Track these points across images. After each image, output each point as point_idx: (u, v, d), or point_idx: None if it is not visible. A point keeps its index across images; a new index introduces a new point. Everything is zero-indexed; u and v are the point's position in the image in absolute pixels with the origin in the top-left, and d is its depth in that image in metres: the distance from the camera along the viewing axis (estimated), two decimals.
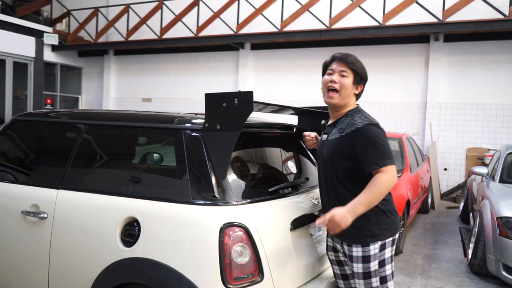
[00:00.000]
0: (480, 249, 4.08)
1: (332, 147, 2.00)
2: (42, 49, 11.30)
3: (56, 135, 2.66)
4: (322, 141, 2.13)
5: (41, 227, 2.26)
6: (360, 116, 1.99)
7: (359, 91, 2.08)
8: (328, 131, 2.10)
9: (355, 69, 2.02)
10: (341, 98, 2.02)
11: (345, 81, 2.02)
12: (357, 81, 2.05)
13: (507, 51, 8.04)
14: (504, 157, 5.12)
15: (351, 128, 1.94)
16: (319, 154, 2.15)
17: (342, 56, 2.06)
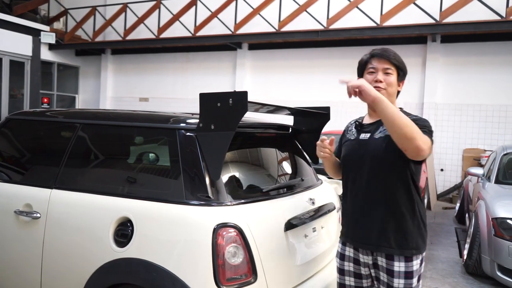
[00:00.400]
0: (476, 249, 4.09)
1: (383, 142, 1.81)
2: (39, 48, 11.27)
3: (50, 134, 2.65)
4: (358, 140, 1.93)
5: (34, 226, 2.25)
6: (413, 115, 1.87)
7: (401, 88, 1.95)
8: (370, 129, 1.92)
9: (398, 64, 1.89)
10: (388, 96, 1.84)
11: (391, 79, 1.87)
12: (401, 77, 1.92)
13: (504, 52, 8.07)
14: (500, 158, 5.13)
15: None
16: (351, 155, 1.94)
17: (382, 52, 1.91)
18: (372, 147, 1.86)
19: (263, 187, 2.21)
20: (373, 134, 1.89)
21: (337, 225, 2.76)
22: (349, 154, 1.97)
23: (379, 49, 1.92)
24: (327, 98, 9.23)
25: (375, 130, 1.90)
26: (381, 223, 1.80)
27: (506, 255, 3.69)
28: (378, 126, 1.89)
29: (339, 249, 2.00)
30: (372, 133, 1.90)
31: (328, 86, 9.48)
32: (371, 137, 1.89)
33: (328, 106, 2.79)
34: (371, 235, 1.82)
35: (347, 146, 2.00)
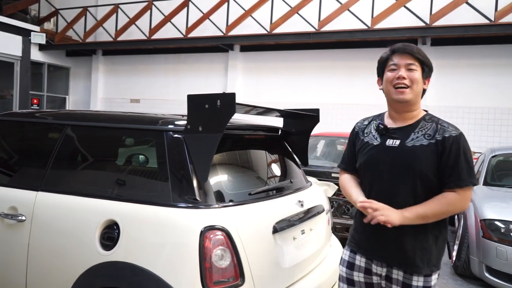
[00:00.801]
0: (464, 251, 4.12)
1: (420, 155, 1.66)
2: (29, 48, 11.17)
3: (36, 136, 2.62)
4: (383, 146, 1.75)
5: (19, 229, 2.22)
6: (446, 122, 1.73)
7: (427, 85, 1.77)
8: (398, 135, 1.74)
9: (423, 60, 1.73)
10: (414, 93, 1.71)
11: (415, 75, 1.71)
12: (426, 73, 1.74)
13: (493, 55, 8.16)
14: (488, 160, 5.18)
15: (444, 135, 1.66)
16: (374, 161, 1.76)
17: (404, 46, 1.74)
18: (404, 157, 1.69)
19: (251, 190, 2.20)
20: (404, 142, 1.71)
21: (326, 227, 2.76)
22: (372, 160, 1.78)
23: (400, 44, 1.76)
24: (318, 100, 9.26)
25: (406, 137, 1.72)
26: (406, 241, 1.69)
27: (494, 257, 3.72)
28: (409, 133, 1.73)
29: (345, 257, 1.88)
30: (403, 140, 1.72)
31: (319, 88, 9.51)
32: (402, 144, 1.71)
33: (317, 108, 2.79)
34: (393, 250, 1.71)
35: (369, 152, 1.80)
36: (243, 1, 9.69)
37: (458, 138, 1.66)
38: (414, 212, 1.62)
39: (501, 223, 3.77)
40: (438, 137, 1.67)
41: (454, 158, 1.64)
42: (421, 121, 1.74)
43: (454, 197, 1.63)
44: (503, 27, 7.49)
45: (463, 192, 1.64)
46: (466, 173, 1.63)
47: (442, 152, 1.65)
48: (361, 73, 8.96)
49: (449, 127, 1.70)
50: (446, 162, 1.64)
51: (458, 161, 1.64)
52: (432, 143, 1.67)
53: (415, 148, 1.68)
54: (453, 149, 1.64)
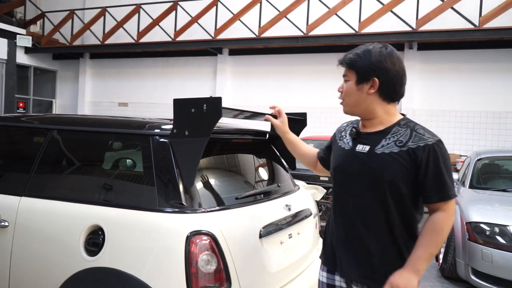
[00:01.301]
0: (451, 253, 4.16)
1: (389, 163, 1.52)
2: (14, 51, 11.03)
3: (20, 140, 2.58)
4: (353, 151, 1.63)
5: (1, 235, 2.17)
6: (423, 128, 1.57)
7: (375, 88, 1.57)
8: (368, 141, 1.61)
9: (351, 67, 1.60)
10: (349, 106, 1.65)
11: (346, 86, 1.64)
12: (362, 79, 1.58)
13: (478, 60, 8.29)
14: (474, 163, 5.24)
15: (419, 143, 1.50)
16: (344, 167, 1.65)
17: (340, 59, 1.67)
18: (373, 164, 1.56)
19: (238, 194, 2.20)
20: (374, 148, 1.58)
21: (314, 231, 2.76)
22: (341, 166, 1.67)
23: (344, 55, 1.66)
24: (306, 104, 9.30)
25: (376, 143, 1.59)
26: (381, 257, 1.56)
27: (479, 259, 3.76)
28: (380, 138, 1.59)
29: (323, 279, 1.75)
30: (372, 146, 1.59)
31: (307, 92, 9.56)
32: (371, 151, 1.58)
33: (305, 112, 2.80)
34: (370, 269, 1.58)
35: (339, 157, 1.70)
36: (232, 5, 9.70)
37: (435, 147, 1.50)
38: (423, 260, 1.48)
39: (486, 226, 3.82)
40: (411, 145, 1.51)
41: (434, 170, 1.49)
42: (395, 126, 1.59)
43: (443, 217, 1.51)
44: (487, 32, 7.62)
45: (448, 207, 1.52)
46: (449, 185, 1.51)
47: (417, 163, 1.50)
48: None
49: (425, 134, 1.53)
50: (425, 174, 1.49)
51: (439, 172, 1.49)
52: (404, 151, 1.52)
53: (384, 156, 1.54)
54: (431, 160, 1.49)
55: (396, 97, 1.61)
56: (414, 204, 1.56)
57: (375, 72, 1.56)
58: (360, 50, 1.61)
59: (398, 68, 1.58)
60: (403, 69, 1.60)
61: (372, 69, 1.56)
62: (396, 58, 1.58)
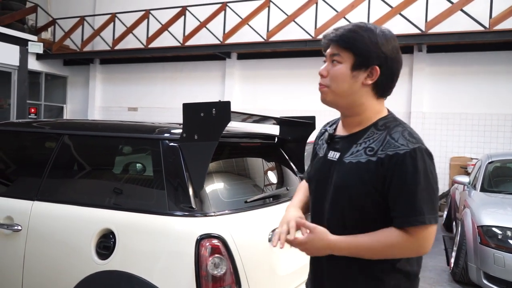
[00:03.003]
0: (462, 257, 4.11)
1: (353, 175, 1.25)
2: (26, 58, 11.18)
3: (33, 145, 2.62)
4: (325, 159, 1.38)
5: (15, 239, 2.21)
6: (401, 131, 1.24)
7: (373, 78, 1.26)
8: (340, 146, 1.35)
9: (349, 46, 1.26)
10: (335, 95, 1.31)
11: (337, 70, 1.29)
12: (361, 64, 1.25)
13: (488, 62, 8.21)
14: (485, 166, 5.19)
15: (388, 151, 1.21)
16: (316, 177, 1.41)
17: (329, 33, 1.32)
18: (337, 176, 1.30)
19: (247, 197, 2.21)
20: (343, 156, 1.31)
21: None
22: (314, 174, 1.43)
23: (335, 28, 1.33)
24: (315, 107, 9.27)
25: (346, 150, 1.31)
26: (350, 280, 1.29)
27: (491, 263, 3.71)
28: (351, 144, 1.31)
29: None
30: (342, 153, 1.32)
31: (316, 95, 9.49)
32: (340, 159, 1.32)
33: (313, 116, 2.81)
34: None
35: (314, 165, 1.46)
36: (240, 9, 9.75)
37: (406, 157, 1.18)
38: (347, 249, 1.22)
39: (498, 230, 3.78)
40: (380, 153, 1.22)
41: (399, 186, 1.18)
42: (370, 128, 1.30)
43: (399, 237, 1.18)
44: (498, 34, 7.55)
45: (415, 233, 1.18)
46: (416, 206, 1.17)
47: (385, 176, 1.20)
48: None
49: (399, 140, 1.21)
50: (388, 189, 1.20)
51: (405, 189, 1.18)
52: (372, 161, 1.23)
53: (351, 166, 1.27)
54: (397, 173, 1.18)
55: (388, 92, 1.33)
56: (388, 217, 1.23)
57: (378, 59, 1.24)
58: (358, 26, 1.28)
59: (400, 59, 1.30)
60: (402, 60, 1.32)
61: (376, 53, 1.24)
62: (398, 45, 1.30)
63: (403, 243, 1.19)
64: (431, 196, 1.20)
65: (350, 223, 1.27)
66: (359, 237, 1.22)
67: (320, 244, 1.23)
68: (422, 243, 1.20)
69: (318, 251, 1.25)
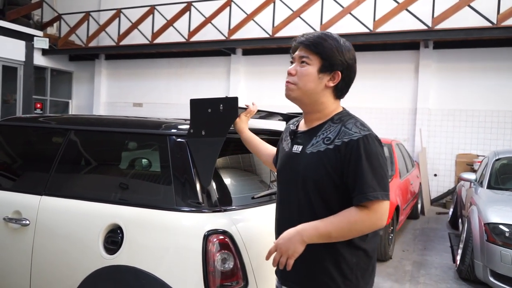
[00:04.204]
0: (468, 255, 4.10)
1: (315, 163, 1.43)
2: (32, 53, 11.22)
3: (40, 140, 2.63)
4: (290, 153, 1.55)
5: (23, 234, 2.22)
6: (354, 122, 1.44)
7: (335, 82, 1.47)
8: (302, 140, 1.53)
9: (319, 51, 1.46)
10: (301, 92, 1.49)
11: (305, 70, 1.48)
12: (327, 68, 1.46)
13: (496, 58, 8.14)
14: (492, 163, 5.16)
15: (344, 139, 1.39)
16: (283, 170, 1.57)
17: (301, 38, 1.52)
18: (302, 166, 1.46)
19: (254, 193, 2.21)
20: (305, 148, 1.49)
21: None
22: (280, 169, 1.60)
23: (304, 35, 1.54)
24: None
25: (307, 143, 1.49)
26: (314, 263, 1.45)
27: (498, 261, 3.70)
28: (311, 137, 1.49)
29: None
30: (304, 145, 1.50)
31: None
32: (303, 151, 1.49)
33: None
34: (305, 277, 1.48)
35: (280, 159, 1.63)
36: (245, 5, 9.72)
37: (359, 142, 1.36)
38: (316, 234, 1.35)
39: (505, 227, 3.76)
40: (337, 142, 1.40)
41: (355, 167, 1.35)
42: (327, 122, 1.49)
43: (360, 212, 1.34)
44: (506, 30, 7.47)
45: (372, 207, 1.33)
46: (370, 183, 1.33)
47: (342, 161, 1.38)
48: (362, 76, 8.93)
49: (353, 128, 1.40)
50: (347, 172, 1.37)
51: (360, 170, 1.34)
52: (330, 149, 1.41)
53: (312, 156, 1.44)
54: (353, 155, 1.36)
55: (344, 95, 1.55)
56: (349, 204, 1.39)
57: (341, 65, 1.46)
58: (325, 35, 1.48)
59: (355, 69, 1.53)
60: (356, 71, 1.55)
61: (340, 60, 1.45)
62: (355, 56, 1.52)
63: (364, 217, 1.34)
64: (383, 176, 1.38)
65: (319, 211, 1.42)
66: (325, 219, 1.37)
67: (288, 236, 1.37)
68: (380, 216, 1.36)
69: (291, 242, 1.36)
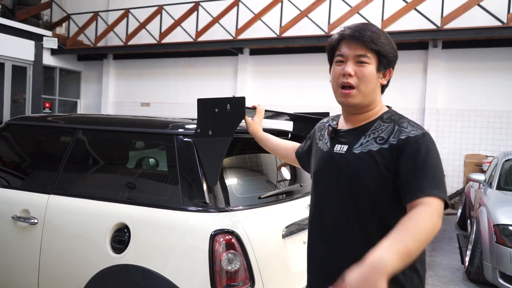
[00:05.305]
0: (477, 256, 4.06)
1: (366, 164, 1.30)
2: (41, 53, 11.31)
3: (48, 139, 2.65)
4: (331, 153, 1.41)
5: (31, 232, 2.24)
6: (408, 121, 1.34)
7: (387, 78, 1.39)
8: (346, 139, 1.40)
9: (378, 49, 1.33)
10: (363, 95, 1.35)
11: (366, 70, 1.34)
12: (384, 66, 1.36)
13: (505, 58, 8.05)
14: (502, 164, 5.10)
15: (400, 137, 1.29)
16: (324, 173, 1.43)
17: (354, 32, 1.34)
18: (348, 168, 1.34)
19: (261, 193, 2.20)
20: (352, 147, 1.36)
21: None
22: (320, 171, 1.45)
23: (352, 27, 1.37)
24: (328, 103, 9.20)
25: (355, 142, 1.37)
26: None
27: (508, 262, 3.66)
28: (359, 136, 1.37)
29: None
30: (350, 145, 1.37)
31: (329, 91, 9.44)
32: (349, 151, 1.37)
33: (327, 112, 2.77)
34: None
35: (318, 161, 1.48)
36: (253, 4, 9.71)
37: (418, 139, 1.26)
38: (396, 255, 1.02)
39: None
40: (392, 140, 1.29)
41: (413, 163, 1.24)
42: (377, 121, 1.38)
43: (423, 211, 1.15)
44: None
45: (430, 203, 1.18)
46: (426, 181, 1.21)
47: (398, 159, 1.27)
48: None
49: (409, 127, 1.31)
50: (404, 168, 1.25)
51: (418, 166, 1.23)
52: (384, 148, 1.29)
53: (362, 156, 1.32)
54: (410, 153, 1.25)
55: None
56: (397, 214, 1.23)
57: (394, 62, 1.39)
58: (376, 29, 1.36)
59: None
60: None
61: (394, 56, 1.38)
62: None
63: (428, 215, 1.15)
64: (441, 177, 1.26)
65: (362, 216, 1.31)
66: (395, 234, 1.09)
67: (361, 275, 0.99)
68: (438, 214, 1.19)
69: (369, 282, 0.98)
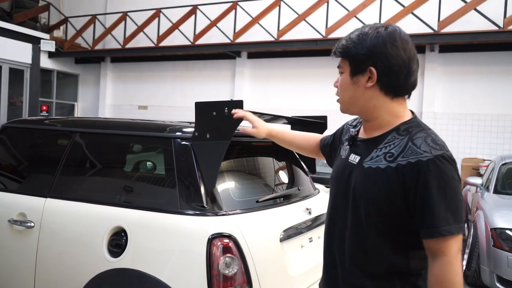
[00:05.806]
0: (474, 260, 4.06)
1: (372, 180, 1.21)
2: (38, 56, 11.30)
3: (45, 142, 2.64)
4: (346, 162, 1.33)
5: (28, 236, 2.23)
6: (424, 137, 1.18)
7: (374, 79, 1.22)
8: (360, 150, 1.31)
9: (346, 54, 1.27)
10: (344, 104, 1.32)
11: (340, 79, 1.32)
12: (358, 68, 1.24)
13: (502, 62, 8.10)
14: (499, 167, 5.12)
15: (410, 159, 1.14)
16: (336, 180, 1.36)
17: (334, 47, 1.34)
18: (357, 181, 1.25)
19: (259, 197, 2.20)
20: (363, 160, 1.26)
21: None
22: (333, 178, 1.39)
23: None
24: (325, 107, 9.22)
25: (366, 154, 1.27)
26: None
27: (505, 266, 3.66)
28: (371, 149, 1.26)
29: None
30: (362, 157, 1.27)
31: (326, 95, 9.48)
32: (360, 163, 1.27)
33: (325, 115, 2.78)
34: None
35: (336, 167, 1.41)
36: (251, 8, 9.74)
37: (430, 165, 1.11)
38: None
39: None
40: (401, 160, 1.16)
41: (423, 195, 1.11)
42: (392, 132, 1.24)
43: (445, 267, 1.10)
44: None
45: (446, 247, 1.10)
46: (442, 217, 1.10)
47: (405, 184, 1.14)
48: None
49: (422, 146, 1.15)
50: (413, 200, 1.13)
51: (428, 199, 1.11)
52: (391, 167, 1.17)
53: (370, 172, 1.22)
54: (421, 182, 1.12)
55: (402, 90, 1.24)
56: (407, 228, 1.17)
57: (370, 60, 1.21)
58: (355, 34, 1.28)
59: (403, 52, 1.21)
60: (411, 53, 1.23)
61: (367, 56, 1.21)
62: (400, 39, 1.22)
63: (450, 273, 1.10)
64: (458, 206, 1.13)
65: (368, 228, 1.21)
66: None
67: None
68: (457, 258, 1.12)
69: None
